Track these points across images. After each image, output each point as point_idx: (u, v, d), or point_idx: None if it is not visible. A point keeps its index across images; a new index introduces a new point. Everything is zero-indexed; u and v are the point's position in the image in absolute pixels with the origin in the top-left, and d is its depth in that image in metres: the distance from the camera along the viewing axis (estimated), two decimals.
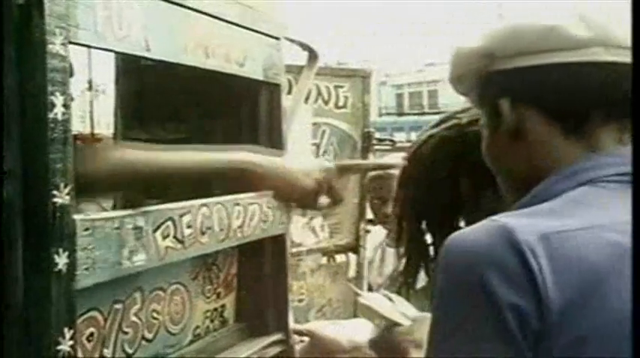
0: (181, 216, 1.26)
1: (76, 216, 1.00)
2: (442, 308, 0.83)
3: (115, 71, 1.77)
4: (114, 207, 1.67)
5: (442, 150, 1.36)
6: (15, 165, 0.94)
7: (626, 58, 0.87)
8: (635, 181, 0.78)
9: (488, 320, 0.76)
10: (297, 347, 1.73)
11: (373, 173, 2.49)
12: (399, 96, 37.90)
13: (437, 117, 1.45)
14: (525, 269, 0.75)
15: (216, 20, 1.37)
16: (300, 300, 2.43)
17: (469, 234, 0.84)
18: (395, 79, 36.73)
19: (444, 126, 1.37)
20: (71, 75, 1.04)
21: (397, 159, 2.46)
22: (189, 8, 1.28)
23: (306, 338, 1.75)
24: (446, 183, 1.36)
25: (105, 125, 1.78)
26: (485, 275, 0.76)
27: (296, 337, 1.70)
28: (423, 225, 1.38)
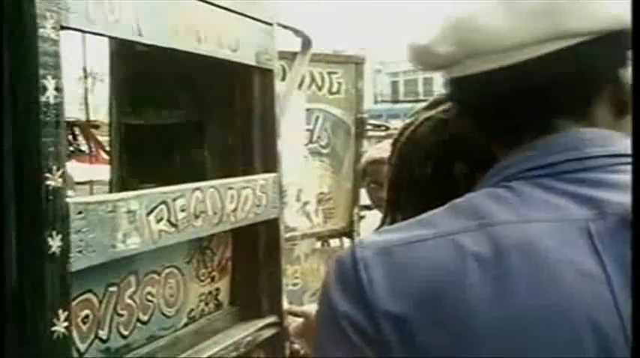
0: (175, 199, 1.27)
1: (69, 200, 1.01)
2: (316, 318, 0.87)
3: (110, 57, 1.77)
4: (109, 191, 1.68)
5: (439, 133, 1.36)
6: (8, 148, 0.95)
7: (507, 59, 0.83)
8: (635, 181, 0.75)
9: (332, 330, 0.79)
10: (291, 327, 1.74)
11: (370, 157, 2.50)
12: (395, 83, 37.91)
13: None
14: (357, 283, 0.78)
15: (208, 5, 1.37)
16: (295, 284, 2.45)
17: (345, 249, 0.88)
18: (390, 67, 36.71)
19: (440, 108, 1.38)
20: None
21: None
22: None
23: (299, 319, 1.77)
24: (441, 166, 1.36)
25: (104, 112, 1.79)
26: (331, 289, 0.80)
27: (290, 318, 1.72)
28: (417, 210, 1.38)
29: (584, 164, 0.80)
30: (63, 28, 0.99)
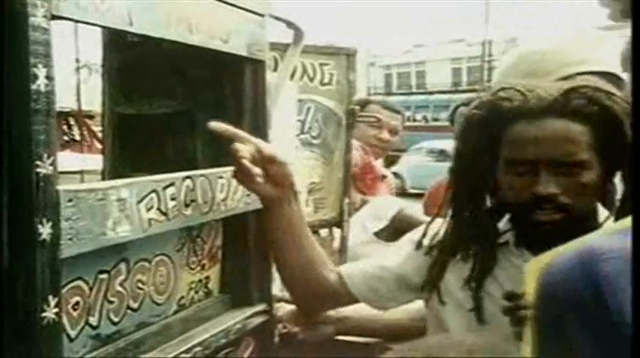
0: (165, 188, 1.28)
1: (59, 187, 1.02)
2: None
3: (102, 47, 1.78)
4: (102, 180, 1.69)
5: (465, 128, 1.44)
6: None
7: None
8: (635, 181, 0.74)
9: None
10: (284, 312, 1.76)
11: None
12: (388, 76, 37.93)
13: (424, 97, 1.54)
14: None
15: None
16: None
17: None
18: (383, 60, 36.73)
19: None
20: None
21: None
22: None
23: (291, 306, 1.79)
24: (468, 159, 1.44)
25: (99, 102, 1.81)
26: None
27: (282, 305, 1.74)
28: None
29: None
30: (54, 17, 1.00)
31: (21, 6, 0.94)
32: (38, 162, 0.98)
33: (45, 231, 1.00)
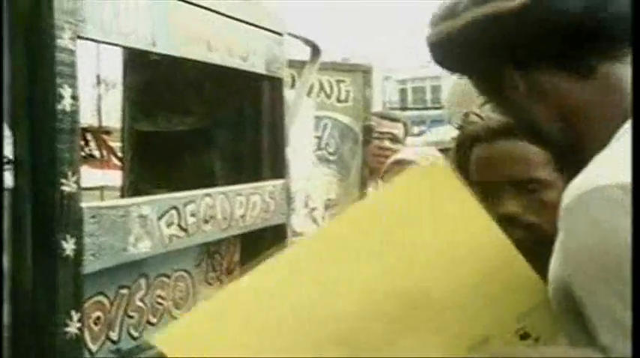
0: (185, 205, 1.30)
1: (83, 204, 1.04)
2: None
3: (123, 65, 1.81)
4: (121, 196, 1.71)
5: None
6: (24, 154, 0.98)
7: None
8: (635, 181, 0.75)
9: None
10: None
11: (394, 158, 2.55)
12: (403, 91, 37.94)
13: (439, 112, 1.52)
14: None
15: (220, 16, 1.41)
16: None
17: None
18: (399, 75, 36.75)
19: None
20: None
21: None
22: (193, 4, 1.32)
23: None
24: None
25: (116, 118, 1.84)
26: None
27: None
28: None
29: None
30: (80, 38, 1.02)
31: (48, 27, 0.97)
32: (63, 180, 1.00)
33: (68, 246, 1.02)
